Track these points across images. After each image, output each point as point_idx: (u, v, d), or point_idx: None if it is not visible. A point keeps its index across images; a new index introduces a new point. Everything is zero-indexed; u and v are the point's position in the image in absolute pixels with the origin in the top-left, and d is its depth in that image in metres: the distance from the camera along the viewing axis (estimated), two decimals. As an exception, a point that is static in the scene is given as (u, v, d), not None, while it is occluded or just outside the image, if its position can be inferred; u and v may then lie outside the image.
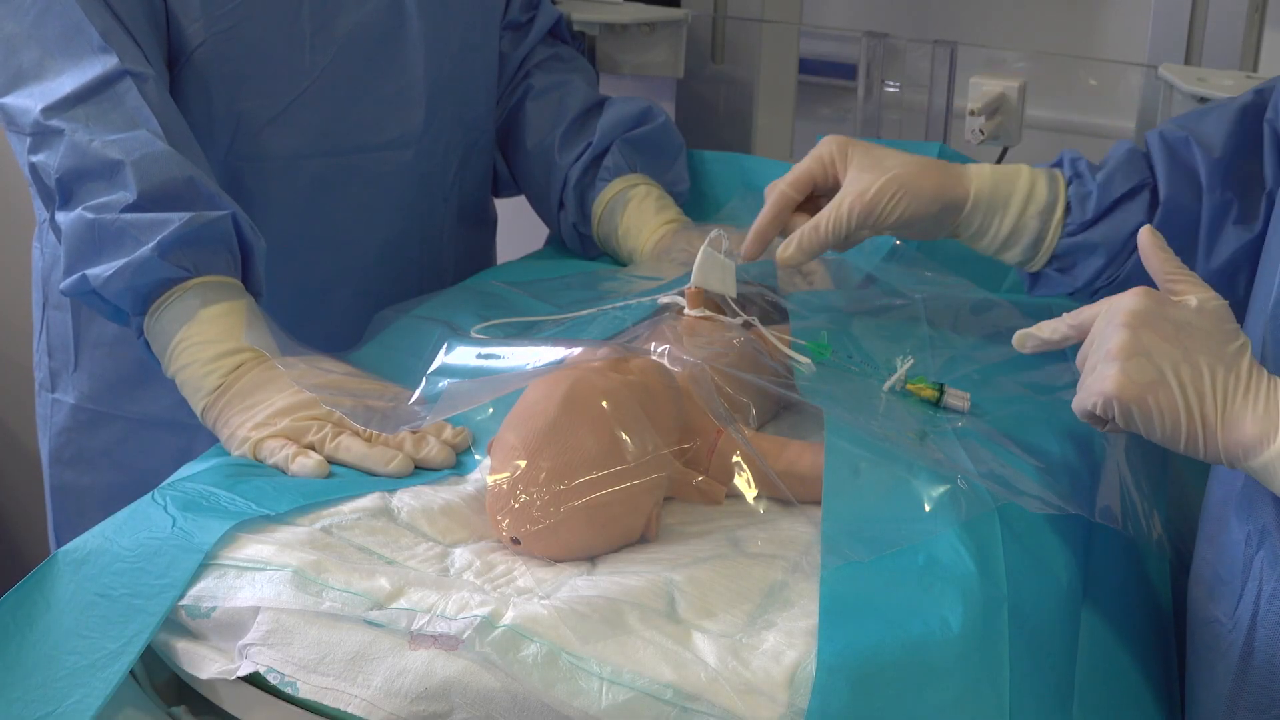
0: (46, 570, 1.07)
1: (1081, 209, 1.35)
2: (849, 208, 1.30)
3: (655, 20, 1.99)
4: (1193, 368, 1.01)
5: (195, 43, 1.45)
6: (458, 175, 1.70)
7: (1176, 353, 1.01)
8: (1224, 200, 1.32)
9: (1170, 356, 1.01)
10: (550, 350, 1.22)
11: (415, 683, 0.96)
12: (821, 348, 1.28)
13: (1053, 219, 1.34)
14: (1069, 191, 1.35)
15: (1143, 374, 1.01)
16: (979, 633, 0.99)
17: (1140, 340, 1.02)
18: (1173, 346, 1.02)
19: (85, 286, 1.30)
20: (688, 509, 1.17)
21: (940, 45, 1.91)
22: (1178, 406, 1.01)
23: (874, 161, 1.31)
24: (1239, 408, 1.00)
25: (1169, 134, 1.36)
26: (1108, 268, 1.37)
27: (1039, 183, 1.35)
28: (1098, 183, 1.34)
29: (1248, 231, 1.32)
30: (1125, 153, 1.37)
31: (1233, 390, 1.01)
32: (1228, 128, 1.33)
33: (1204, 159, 1.33)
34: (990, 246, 1.36)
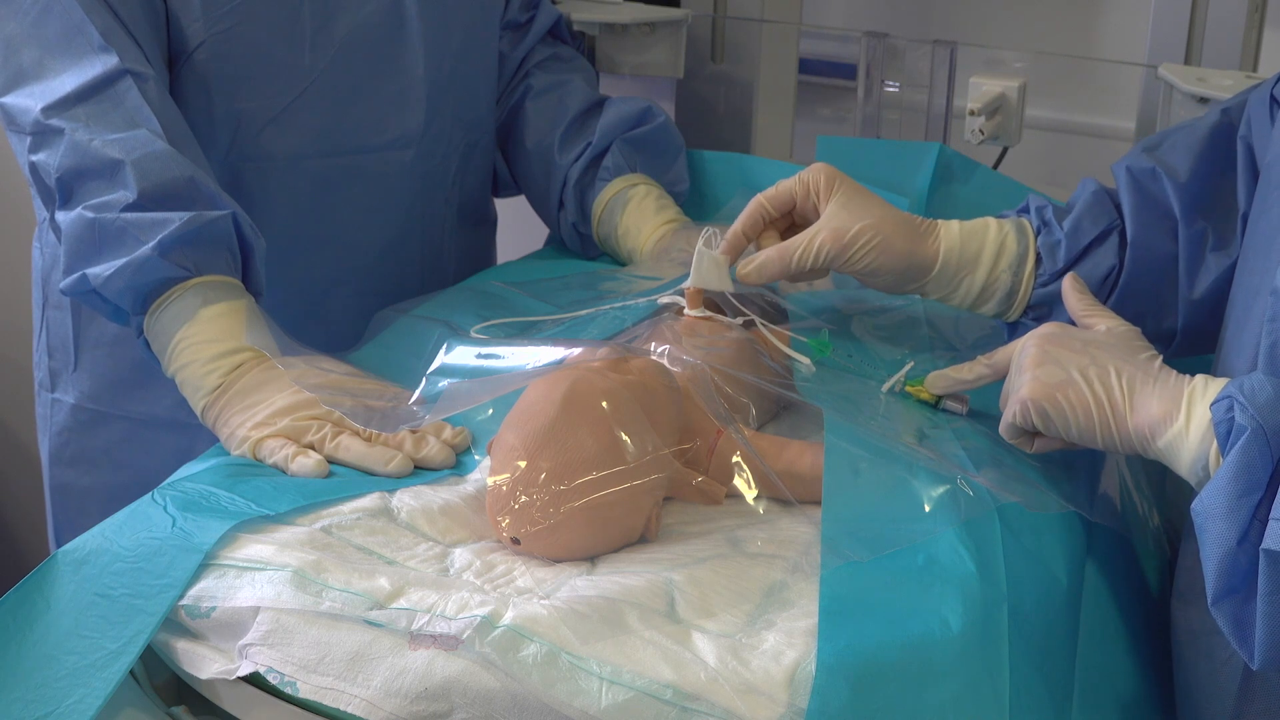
0: (46, 570, 1.07)
1: (1052, 258, 1.34)
2: (821, 243, 1.30)
3: (655, 20, 1.99)
4: (1100, 367, 1.10)
5: (195, 42, 1.45)
6: (458, 175, 1.70)
7: (1084, 359, 1.11)
8: (1199, 230, 1.31)
9: (1078, 361, 1.11)
10: (550, 350, 1.22)
11: (415, 683, 0.96)
12: (823, 345, 1.28)
13: (1024, 271, 1.34)
14: (1038, 241, 1.35)
15: (1052, 376, 1.10)
16: (979, 633, 0.99)
17: (1049, 352, 1.12)
18: (1080, 355, 1.11)
19: (85, 286, 1.30)
20: (688, 509, 1.17)
21: (940, 45, 1.91)
22: (1087, 399, 1.09)
23: (857, 205, 1.32)
24: (1144, 394, 1.07)
25: (1136, 168, 1.34)
26: None
27: (1008, 236, 1.34)
28: (1065, 231, 1.34)
29: (1226, 257, 1.31)
30: (1091, 195, 1.36)
31: (1140, 381, 1.09)
32: (1196, 151, 1.33)
33: (1174, 190, 1.32)
34: (964, 302, 1.36)
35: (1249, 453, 0.96)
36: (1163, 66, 1.78)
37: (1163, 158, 1.34)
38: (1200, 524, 0.98)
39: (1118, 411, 1.08)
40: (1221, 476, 0.97)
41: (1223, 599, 0.97)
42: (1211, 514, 0.97)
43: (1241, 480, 0.96)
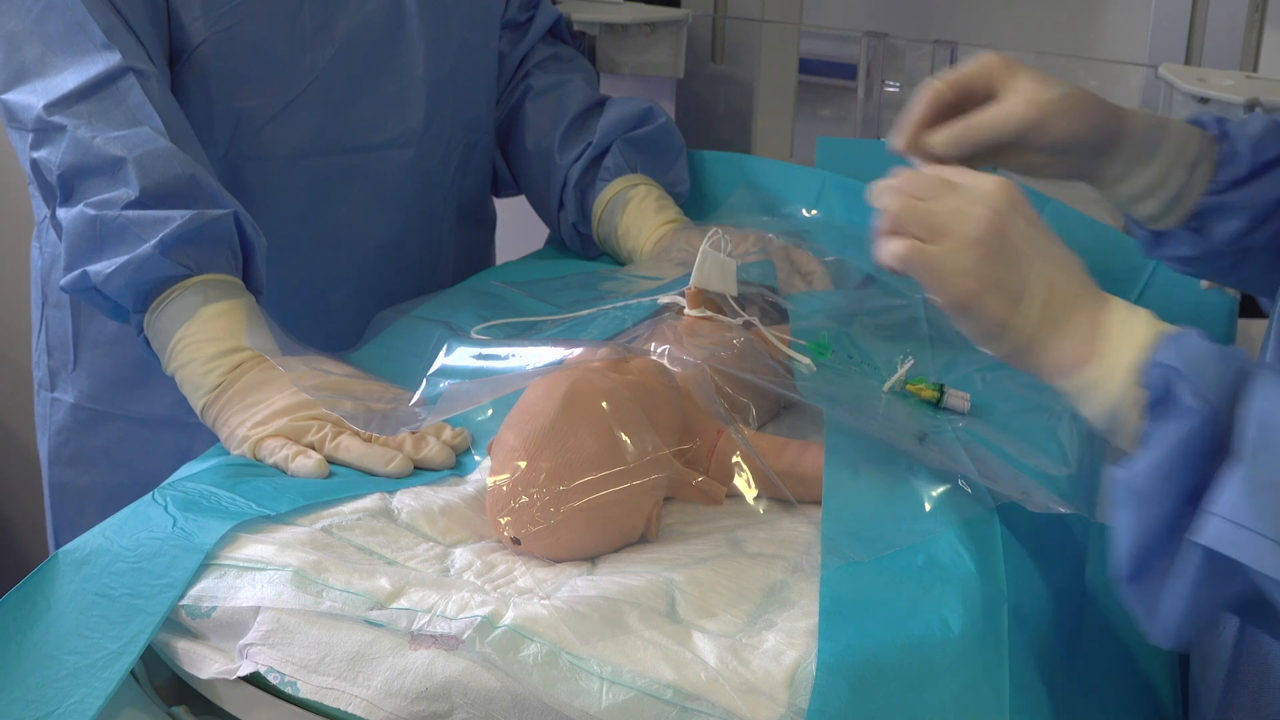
0: (47, 570, 1.07)
1: (1232, 166, 1.26)
2: (1021, 109, 1.18)
3: (655, 20, 1.99)
4: (1034, 280, 0.99)
5: (196, 41, 1.46)
6: (458, 174, 1.70)
7: (1025, 265, 1.00)
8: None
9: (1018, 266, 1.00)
10: (550, 350, 1.22)
11: (415, 683, 0.96)
12: (822, 347, 1.28)
13: (1198, 174, 1.25)
14: (1219, 149, 1.26)
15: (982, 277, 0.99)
16: (979, 633, 0.99)
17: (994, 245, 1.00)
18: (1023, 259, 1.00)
19: (86, 283, 1.30)
20: (688, 509, 1.17)
21: (940, 45, 1.91)
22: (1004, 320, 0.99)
23: (1044, 77, 1.19)
24: (1066, 326, 0.99)
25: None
26: (1244, 233, 1.28)
27: (1190, 134, 1.26)
28: (1250, 142, 1.26)
29: None
30: (1269, 121, 1.27)
31: (1066, 309, 0.99)
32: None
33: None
34: (1125, 194, 1.26)
35: (1190, 436, 0.91)
36: (1163, 66, 1.78)
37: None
38: (1124, 500, 0.93)
39: (1032, 342, 1.00)
40: (1159, 458, 0.91)
41: (1136, 579, 0.94)
42: (1140, 494, 0.92)
43: (1180, 464, 0.91)
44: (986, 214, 1.00)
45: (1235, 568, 0.87)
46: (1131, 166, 1.24)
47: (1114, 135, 1.22)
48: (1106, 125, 1.22)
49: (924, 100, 1.20)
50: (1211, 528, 0.88)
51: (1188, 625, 0.92)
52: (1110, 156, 1.23)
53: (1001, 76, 1.20)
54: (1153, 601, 0.93)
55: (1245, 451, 0.88)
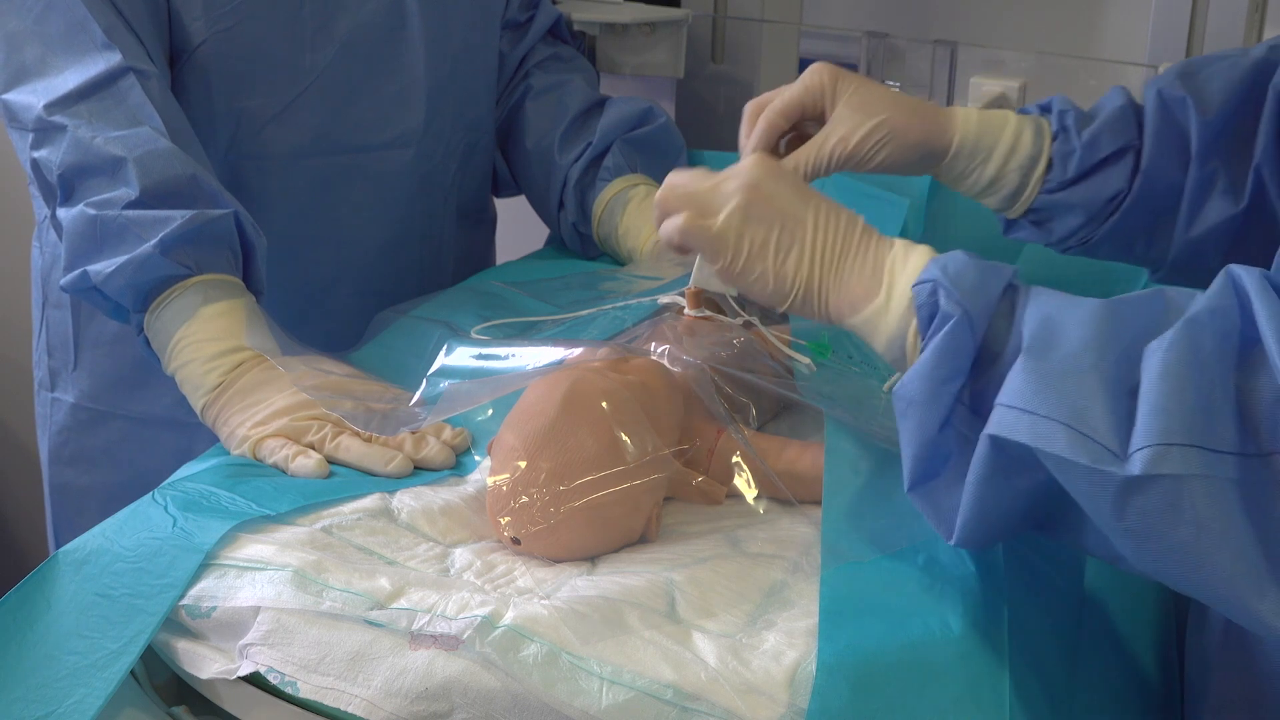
0: (47, 570, 1.07)
1: (1063, 167, 1.32)
2: (832, 149, 1.27)
3: (655, 20, 1.99)
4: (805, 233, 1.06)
5: (197, 40, 1.46)
6: (458, 174, 1.70)
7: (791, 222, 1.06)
8: (1210, 171, 1.30)
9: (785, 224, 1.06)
10: (550, 350, 1.22)
11: (415, 683, 0.96)
12: (822, 347, 1.28)
13: (1034, 174, 1.32)
14: (1053, 147, 1.33)
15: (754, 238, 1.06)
16: (979, 633, 0.99)
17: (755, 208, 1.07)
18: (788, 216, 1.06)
19: (86, 283, 1.30)
20: (688, 509, 1.17)
21: (940, 45, 1.91)
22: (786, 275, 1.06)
23: (863, 101, 1.28)
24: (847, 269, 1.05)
25: (1167, 94, 1.32)
26: (1083, 228, 1.35)
27: (1024, 134, 1.32)
28: (1082, 141, 1.32)
29: (1232, 205, 1.30)
30: (1116, 110, 1.34)
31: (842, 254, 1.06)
32: (1231, 88, 1.30)
33: (1198, 125, 1.30)
34: (970, 191, 1.34)
35: (953, 339, 0.95)
36: (1163, 66, 1.77)
37: (1198, 88, 1.31)
38: (901, 410, 0.98)
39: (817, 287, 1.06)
40: (925, 363, 0.96)
41: (920, 484, 0.98)
42: (914, 401, 0.96)
43: (945, 366, 0.95)
44: (742, 183, 1.08)
45: (1022, 458, 0.91)
46: (966, 170, 1.32)
47: (940, 149, 1.30)
48: (929, 143, 1.29)
49: (759, 135, 1.30)
50: (999, 417, 0.91)
51: (976, 525, 0.96)
52: (942, 164, 1.31)
53: (829, 95, 1.29)
54: (938, 505, 0.98)
55: (1028, 345, 0.92)
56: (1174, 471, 0.86)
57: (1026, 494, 0.95)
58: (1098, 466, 0.87)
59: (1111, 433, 0.88)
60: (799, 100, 1.29)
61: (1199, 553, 0.87)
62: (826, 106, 1.29)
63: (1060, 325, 0.92)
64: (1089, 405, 0.88)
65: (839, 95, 1.28)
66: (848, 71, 1.30)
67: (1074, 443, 0.88)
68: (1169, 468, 0.86)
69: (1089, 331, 0.91)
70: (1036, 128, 1.33)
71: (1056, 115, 1.35)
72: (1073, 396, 0.89)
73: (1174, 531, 0.87)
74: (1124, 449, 0.87)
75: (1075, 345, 0.91)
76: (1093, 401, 0.88)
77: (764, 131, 1.30)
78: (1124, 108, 1.34)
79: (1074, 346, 0.91)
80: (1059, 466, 0.90)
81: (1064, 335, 0.92)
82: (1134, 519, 0.88)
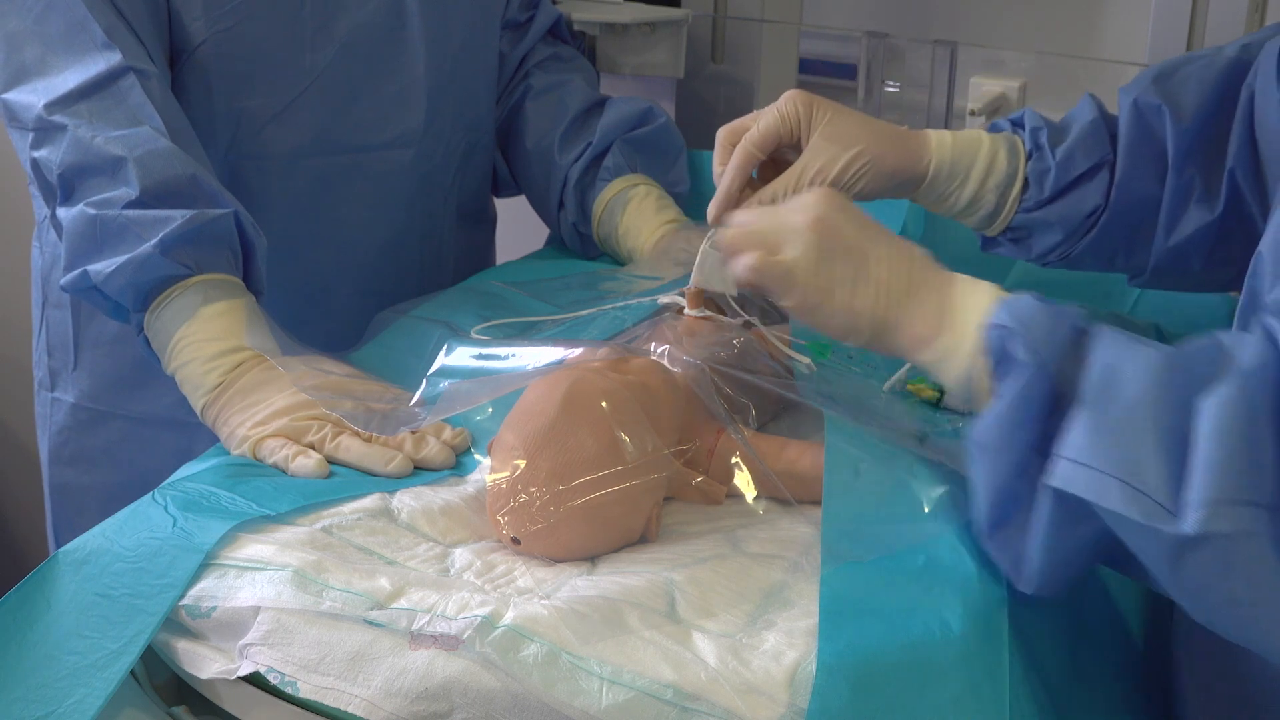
0: (47, 570, 1.07)
1: (1039, 186, 1.34)
2: (810, 181, 1.28)
3: (655, 20, 1.99)
4: (871, 268, 1.07)
5: (197, 40, 1.46)
6: (458, 174, 1.70)
7: (856, 257, 1.07)
8: (1188, 179, 1.31)
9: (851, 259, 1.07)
10: (550, 350, 1.22)
11: (415, 683, 0.96)
12: (822, 347, 1.28)
13: (1010, 194, 1.34)
14: (1028, 166, 1.34)
15: (823, 278, 1.07)
16: (979, 633, 0.99)
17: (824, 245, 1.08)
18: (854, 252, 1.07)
19: (86, 282, 1.30)
20: (688, 509, 1.17)
21: (940, 45, 1.91)
22: (854, 310, 1.07)
23: (840, 131, 1.29)
24: (911, 305, 1.06)
25: (1143, 102, 1.33)
26: (1062, 243, 1.37)
27: (999, 155, 1.33)
28: (1057, 160, 1.33)
29: (1209, 212, 1.31)
30: (1089, 124, 1.34)
31: (907, 289, 1.07)
32: (1206, 91, 1.31)
33: (1174, 132, 1.31)
34: (948, 213, 1.36)
35: (1025, 387, 0.96)
36: (1153, 67, 1.78)
37: (1172, 92, 1.32)
38: (975, 456, 0.99)
39: (886, 323, 1.07)
40: (999, 410, 0.97)
41: (996, 531, 0.99)
42: (988, 447, 0.98)
43: (1019, 414, 0.96)
44: (811, 219, 1.08)
45: (1085, 508, 0.92)
46: (944, 193, 1.33)
47: (917, 175, 1.32)
48: (905, 170, 1.31)
49: (734, 167, 1.30)
50: (1059, 470, 0.93)
51: (1050, 572, 0.98)
52: (919, 189, 1.33)
53: (804, 123, 1.30)
54: (1014, 551, 0.99)
55: (1088, 397, 0.93)
56: (1227, 529, 0.86)
57: (1093, 540, 0.95)
58: (1151, 524, 0.88)
59: (1165, 488, 0.88)
60: (774, 130, 1.30)
61: (1254, 606, 0.88)
62: (802, 135, 1.30)
63: (1119, 376, 0.93)
64: (1144, 460, 0.89)
65: (814, 124, 1.29)
66: (822, 99, 1.31)
67: (1128, 498, 0.89)
68: (1222, 525, 0.86)
69: (1146, 384, 0.92)
70: (1011, 147, 1.34)
71: (1029, 133, 1.36)
72: (1128, 451, 0.90)
73: (1228, 587, 0.88)
74: (1177, 504, 0.88)
75: (1132, 398, 0.92)
76: (1148, 456, 0.89)
77: (740, 162, 1.31)
78: (1096, 121, 1.35)
79: (1131, 399, 0.92)
80: (1115, 521, 0.91)
81: (1122, 387, 0.92)
82: (1189, 574, 0.89)
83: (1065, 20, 2.13)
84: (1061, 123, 1.37)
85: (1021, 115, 1.38)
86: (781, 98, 1.31)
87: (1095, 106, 1.37)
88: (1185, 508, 0.87)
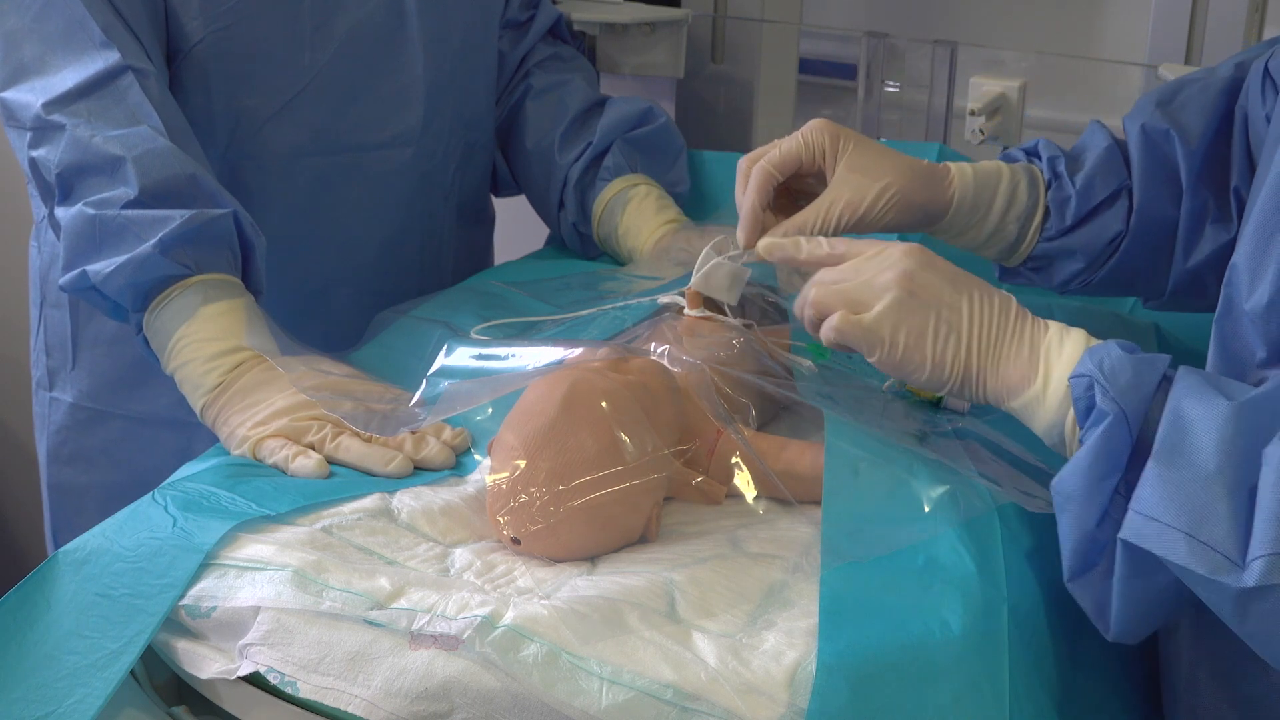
0: (47, 570, 1.07)
1: (1060, 215, 1.34)
2: (840, 214, 1.27)
3: (655, 20, 1.99)
4: (961, 316, 1.08)
5: (195, 39, 1.45)
6: (457, 174, 1.70)
7: (945, 307, 1.08)
8: (1201, 201, 1.32)
9: (941, 308, 1.08)
10: (550, 350, 1.21)
11: (415, 683, 0.96)
12: (821, 349, 1.28)
13: (1031, 225, 1.34)
14: (1048, 196, 1.34)
15: (914, 323, 1.07)
16: (979, 633, 0.99)
17: (915, 293, 1.08)
18: (943, 301, 1.08)
19: (85, 282, 1.30)
20: (688, 509, 1.17)
21: (940, 45, 1.91)
22: (945, 359, 1.07)
23: (867, 163, 1.28)
24: (1003, 354, 1.07)
25: (1150, 127, 1.34)
26: (1084, 271, 1.37)
27: (1020, 186, 1.33)
28: (1077, 189, 1.33)
29: (1225, 232, 1.31)
30: (1104, 151, 1.35)
31: (998, 338, 1.07)
32: (1208, 112, 1.32)
33: (1184, 155, 1.32)
34: (969, 245, 1.36)
35: (1110, 438, 0.97)
36: (1163, 66, 1.78)
37: (1176, 116, 1.33)
38: (1060, 504, 1.00)
39: (975, 372, 1.08)
40: (1081, 459, 0.98)
41: (1079, 576, 1.00)
42: (1072, 496, 0.99)
43: (1101, 463, 0.97)
44: (896, 275, 1.08)
45: (1155, 560, 0.93)
46: (965, 226, 1.33)
47: (939, 210, 1.31)
48: (928, 207, 1.30)
49: (755, 187, 1.28)
50: (1129, 521, 0.94)
51: (1130, 619, 0.99)
52: (940, 223, 1.32)
53: (829, 153, 1.28)
54: (1096, 598, 1.00)
55: (1157, 450, 0.94)
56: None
57: (1168, 589, 0.96)
58: (1215, 577, 0.89)
59: (1231, 541, 0.90)
60: (796, 155, 1.29)
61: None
62: (826, 165, 1.29)
63: (1189, 426, 0.94)
64: (1210, 513, 0.91)
65: (840, 154, 1.28)
66: (846, 130, 1.30)
67: (1194, 552, 0.90)
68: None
69: (1215, 436, 0.93)
70: (1030, 178, 1.34)
71: (1047, 162, 1.36)
72: (1194, 505, 0.91)
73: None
74: (1242, 557, 0.89)
75: (1201, 451, 0.93)
76: (1214, 509, 0.91)
77: (760, 183, 1.29)
78: (1110, 148, 1.35)
79: (1200, 452, 0.93)
80: (1182, 573, 0.92)
81: (1191, 439, 0.94)
82: (1254, 624, 0.90)
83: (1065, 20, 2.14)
84: (1074, 150, 1.37)
85: (1036, 144, 1.38)
86: (807, 125, 1.30)
87: (1106, 133, 1.37)
88: (1250, 559, 0.89)
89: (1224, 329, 1.07)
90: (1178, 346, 1.54)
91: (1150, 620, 1.01)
